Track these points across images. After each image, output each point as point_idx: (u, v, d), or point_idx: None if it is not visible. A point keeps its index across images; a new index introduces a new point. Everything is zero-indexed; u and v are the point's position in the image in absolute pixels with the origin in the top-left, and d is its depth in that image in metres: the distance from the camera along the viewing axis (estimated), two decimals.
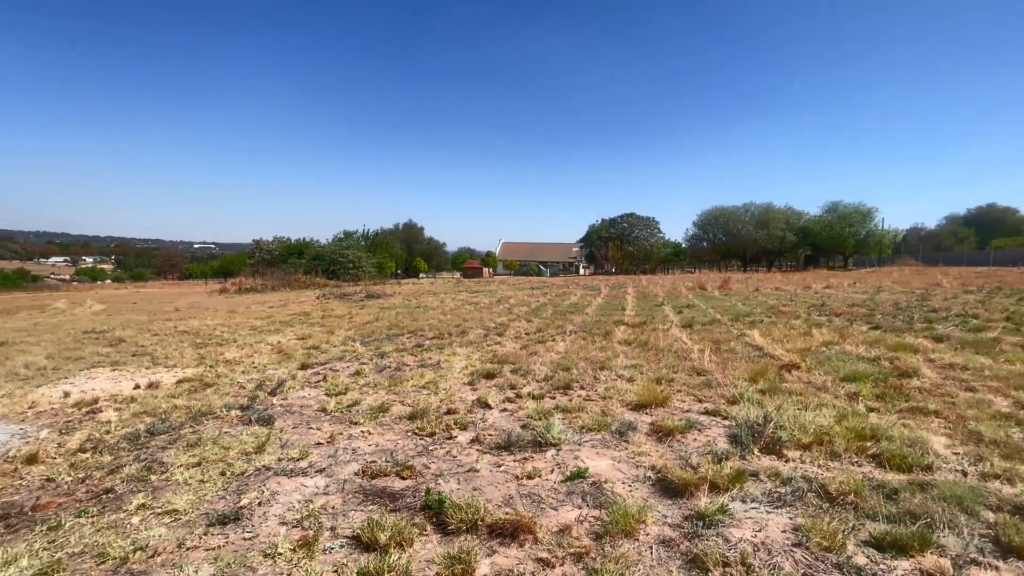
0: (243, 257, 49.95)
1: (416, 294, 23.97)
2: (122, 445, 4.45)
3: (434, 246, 69.45)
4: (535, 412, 5.08)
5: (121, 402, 5.84)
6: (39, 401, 5.92)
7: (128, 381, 6.89)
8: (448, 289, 28.15)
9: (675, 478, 3.45)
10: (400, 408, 5.44)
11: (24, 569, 2.60)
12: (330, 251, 39.53)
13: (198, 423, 5.00)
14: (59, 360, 8.40)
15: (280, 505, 3.32)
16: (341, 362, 8.00)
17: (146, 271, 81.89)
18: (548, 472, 3.75)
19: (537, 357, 7.89)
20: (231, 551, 2.78)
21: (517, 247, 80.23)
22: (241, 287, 29.48)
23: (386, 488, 3.54)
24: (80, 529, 3.04)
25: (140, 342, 10.25)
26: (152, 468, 3.91)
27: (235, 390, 6.32)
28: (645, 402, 5.28)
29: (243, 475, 3.79)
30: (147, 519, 3.16)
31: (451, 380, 6.65)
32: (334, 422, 5.05)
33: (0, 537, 2.98)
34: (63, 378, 7.13)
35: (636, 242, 70.39)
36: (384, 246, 50.87)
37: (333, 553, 2.76)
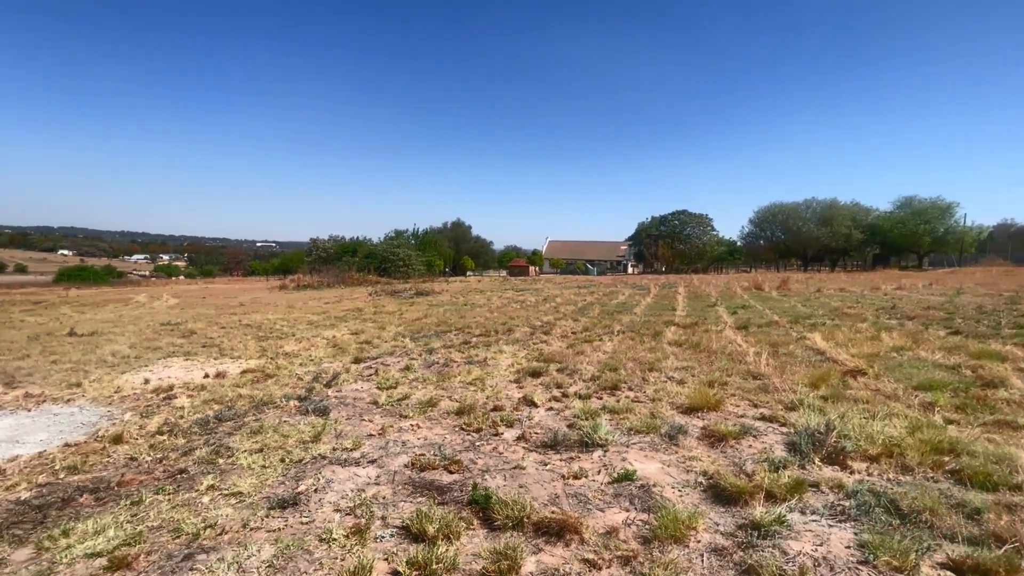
0: (301, 255, 52.45)
1: (463, 292, 24.33)
2: (194, 429, 4.78)
3: (481, 244, 70.20)
4: (582, 412, 5.04)
5: (193, 389, 6.28)
6: (123, 386, 6.46)
7: (199, 370, 7.40)
8: (495, 287, 28.39)
9: (728, 485, 3.33)
10: (448, 403, 5.54)
11: (111, 539, 2.85)
12: (382, 249, 40.79)
13: (260, 412, 5.30)
14: (140, 349, 9.14)
15: (334, 493, 3.46)
16: (392, 357, 8.23)
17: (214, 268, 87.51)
18: (595, 473, 3.71)
19: (584, 356, 7.81)
20: (290, 534, 2.93)
21: (563, 245, 79.73)
22: (299, 283, 30.96)
23: (434, 481, 3.62)
24: (158, 505, 3.30)
25: (209, 334, 10.98)
26: (220, 452, 4.18)
27: (293, 381, 6.65)
28: (696, 405, 5.12)
29: (301, 462, 3.98)
30: (216, 499, 3.38)
31: (497, 377, 6.70)
32: (385, 415, 5.21)
33: (91, 508, 3.28)
34: (143, 366, 7.75)
35: (688, 240, 68.28)
36: (433, 244, 51.94)
37: (384, 542, 2.85)
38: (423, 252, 45.25)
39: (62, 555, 2.71)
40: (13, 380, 6.77)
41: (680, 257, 66.06)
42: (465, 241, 66.06)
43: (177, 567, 2.61)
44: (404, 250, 40.77)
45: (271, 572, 2.56)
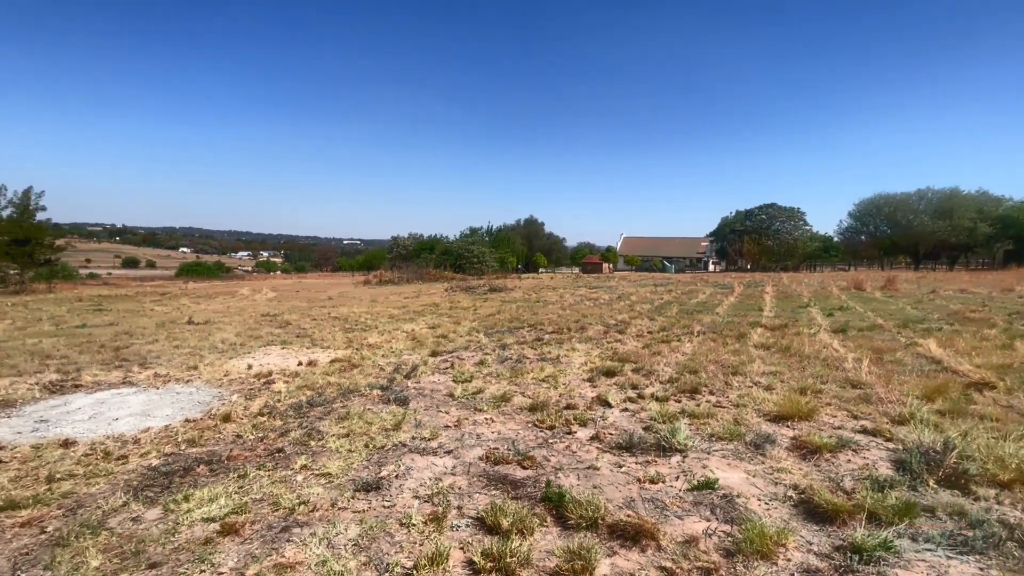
0: (383, 252, 55.34)
1: (536, 288, 24.41)
2: (289, 413, 5.21)
3: (554, 241, 69.97)
4: (659, 414, 4.87)
5: (288, 376, 6.84)
6: (231, 371, 7.18)
7: (293, 358, 8.04)
8: (567, 284, 28.21)
9: (823, 501, 3.06)
10: (521, 399, 5.59)
11: (222, 507, 3.18)
12: (457, 247, 41.97)
13: (347, 399, 5.66)
14: (244, 337, 10.10)
15: (414, 480, 3.61)
16: (466, 351, 8.45)
17: (306, 264, 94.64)
18: (672, 479, 3.57)
19: (661, 357, 7.55)
20: (373, 516, 3.11)
21: (639, 242, 77.41)
22: (381, 279, 32.69)
23: (508, 475, 3.67)
24: (260, 480, 3.63)
25: (302, 325, 11.90)
26: (311, 435, 4.52)
27: (376, 371, 7.03)
28: (786, 413, 4.76)
29: (383, 449, 4.20)
30: (308, 478, 3.66)
31: (570, 375, 6.65)
32: (460, 407, 5.36)
33: (206, 478, 3.68)
34: (247, 353, 8.56)
35: (777, 236, 63.62)
36: (506, 241, 52.58)
37: (459, 531, 2.93)
38: (496, 249, 45.95)
39: (184, 517, 3.07)
40: (145, 362, 7.76)
41: (767, 254, 61.68)
42: (538, 238, 66.19)
43: (276, 537, 2.86)
44: (478, 247, 41.64)
45: (356, 551, 2.73)
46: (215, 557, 2.67)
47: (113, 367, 7.35)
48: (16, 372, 6.98)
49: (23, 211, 27.22)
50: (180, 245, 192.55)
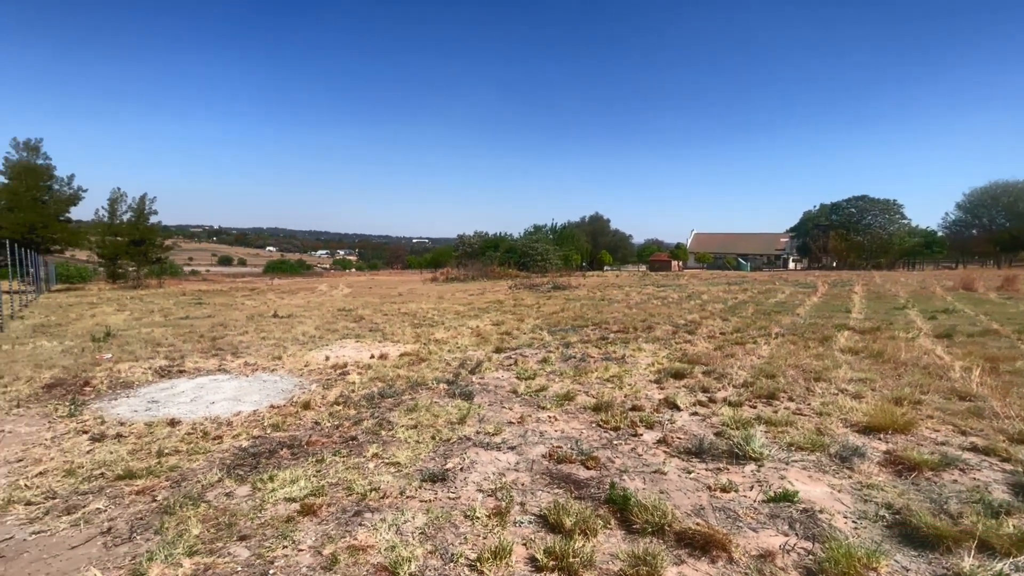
0: (449, 250, 56.82)
1: (601, 287, 24.01)
2: (362, 403, 5.48)
3: (620, 238, 68.51)
4: (731, 420, 4.62)
5: (362, 368, 7.20)
6: (310, 361, 7.68)
7: (366, 351, 8.46)
8: (633, 282, 27.50)
9: (922, 524, 2.77)
10: (584, 399, 5.52)
11: (302, 488, 3.41)
12: (521, 244, 42.22)
13: (415, 391, 5.87)
14: (323, 331, 10.77)
15: (478, 474, 3.68)
16: (530, 349, 8.48)
17: (379, 262, 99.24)
18: (746, 488, 3.38)
19: (734, 360, 7.16)
20: (439, 506, 3.20)
21: (711, 238, 73.86)
22: (447, 276, 33.60)
23: (571, 475, 3.64)
24: (335, 465, 3.85)
25: (374, 320, 12.49)
26: (382, 425, 4.73)
27: (442, 366, 7.23)
28: (878, 425, 4.35)
29: (448, 441, 4.31)
30: (379, 466, 3.83)
31: (636, 376, 6.48)
32: (524, 404, 5.39)
33: (288, 461, 3.96)
34: (325, 345, 9.11)
35: (868, 230, 58.38)
36: (570, 239, 52.17)
37: (522, 527, 2.95)
38: (560, 247, 45.71)
39: (269, 496, 3.32)
40: (237, 351, 8.48)
41: (857, 250, 56.71)
42: (603, 235, 65.09)
43: (349, 520, 3.02)
44: (542, 245, 41.63)
45: (423, 539, 2.82)
46: (296, 535, 2.86)
47: (210, 355, 8.10)
48: (134, 357, 7.88)
49: (139, 215, 30.71)
50: (267, 244, 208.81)
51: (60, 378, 6.59)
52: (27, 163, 27.38)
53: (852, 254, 56.63)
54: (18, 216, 25.84)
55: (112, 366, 7.25)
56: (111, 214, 30.04)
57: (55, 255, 30.35)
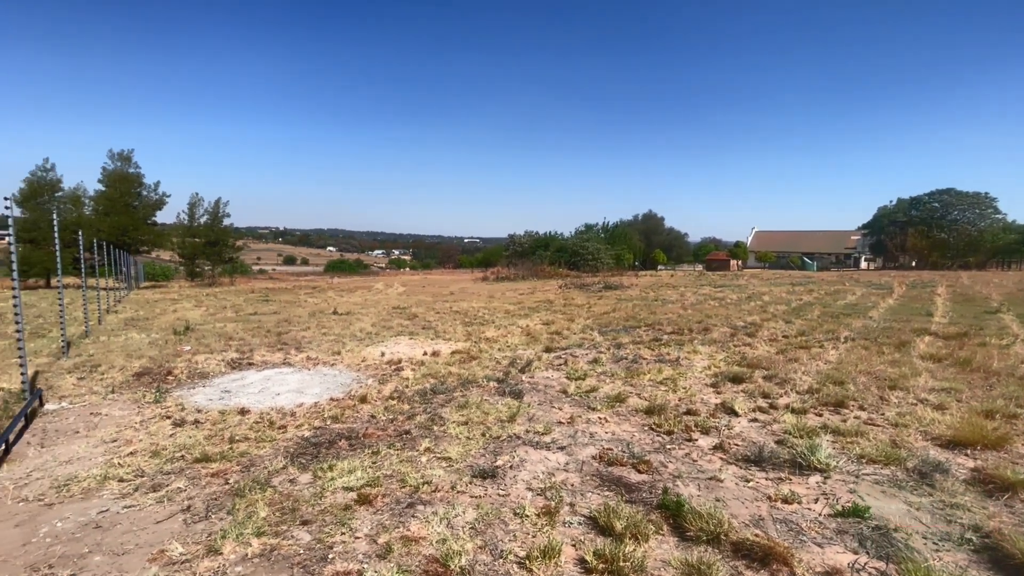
0: (500, 250, 57.24)
1: (654, 286, 23.40)
2: (415, 398, 5.64)
3: (674, 237, 66.51)
4: (794, 428, 4.38)
5: (415, 364, 7.40)
6: (367, 357, 7.99)
7: (419, 348, 8.69)
8: (689, 282, 26.61)
9: (1017, 552, 2.51)
10: (636, 401, 5.41)
11: (359, 479, 3.55)
12: (572, 243, 41.87)
13: (466, 389, 5.97)
14: (378, 327, 11.16)
15: (527, 472, 3.69)
16: (580, 349, 8.40)
17: (431, 261, 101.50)
18: (811, 500, 3.19)
19: (798, 364, 6.78)
20: (489, 502, 3.24)
21: (773, 236, 70.18)
22: (498, 276, 33.87)
23: (621, 478, 3.57)
24: (390, 457, 3.98)
25: (427, 318, 12.80)
26: (434, 420, 4.84)
27: (493, 364, 7.30)
28: (965, 439, 3.99)
29: (498, 439, 4.35)
30: (431, 460, 3.93)
31: (691, 379, 6.28)
32: (574, 405, 5.35)
33: (346, 451, 4.14)
34: (380, 341, 9.44)
35: (953, 227, 53.49)
36: (622, 238, 51.19)
37: (571, 528, 2.93)
38: (612, 246, 44.95)
39: (328, 484, 3.49)
40: (300, 346, 8.95)
41: (940, 248, 52.08)
42: (657, 233, 63.43)
43: (403, 512, 3.12)
44: (593, 244, 41.10)
45: (473, 534, 2.86)
46: (353, 523, 2.99)
47: (276, 349, 8.60)
48: (209, 350, 8.50)
49: (214, 218, 33.06)
50: (327, 244, 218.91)
51: (147, 367, 7.21)
52: (121, 172, 30.15)
53: (935, 253, 52.04)
54: (113, 220, 28.51)
55: (191, 357, 7.85)
56: (190, 217, 32.54)
57: (143, 255, 33.22)
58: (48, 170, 28.36)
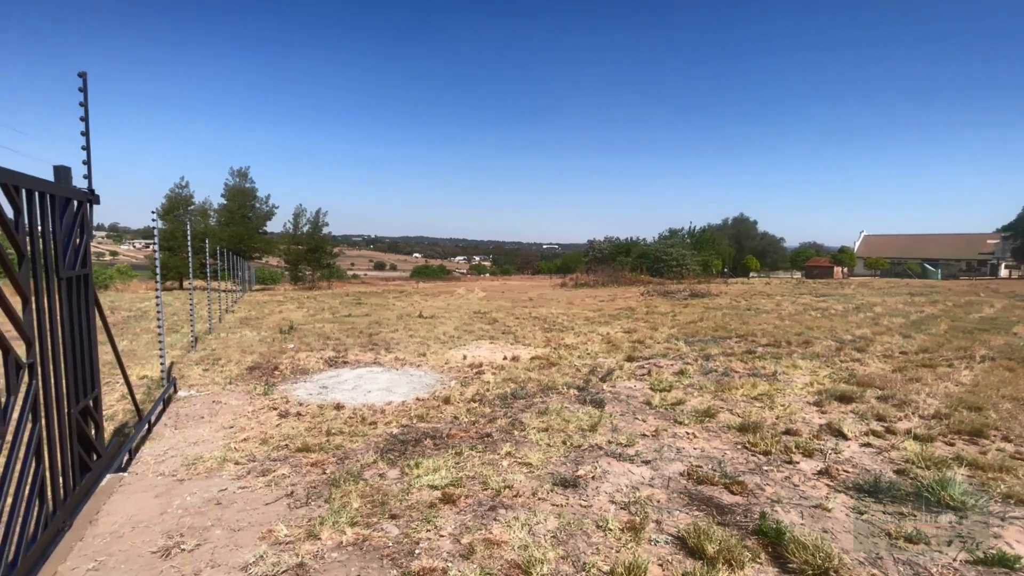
0: (579, 255, 56.71)
1: (746, 295, 21.91)
2: (496, 402, 5.71)
3: (768, 242, 61.89)
4: (919, 457, 3.86)
5: (495, 368, 7.51)
6: (450, 359, 8.24)
7: (500, 353, 8.81)
8: (785, 291, 24.60)
9: None
10: (728, 416, 5.07)
11: (443, 478, 3.65)
12: (655, 249, 40.46)
13: (546, 395, 5.95)
14: (460, 331, 11.49)
15: (610, 484, 3.59)
16: (664, 359, 8.06)
17: (510, 267, 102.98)
18: (942, 542, 2.79)
19: (921, 386, 5.99)
20: (570, 512, 3.18)
21: (886, 241, 62.93)
22: (577, 282, 33.56)
23: (712, 498, 3.36)
24: (472, 459, 4.06)
25: (507, 323, 12.97)
26: (515, 425, 4.87)
27: (572, 371, 7.22)
28: None
29: (579, 448, 4.28)
30: (512, 465, 3.94)
31: (790, 396, 5.77)
32: (658, 417, 5.13)
33: (431, 450, 4.29)
34: (462, 345, 9.71)
35: None
36: (710, 243, 48.58)
37: (658, 547, 2.79)
38: (699, 251, 42.80)
39: (415, 481, 3.62)
40: (389, 346, 9.45)
41: None
42: (748, 238, 59.45)
43: (485, 514, 3.16)
44: (678, 249, 39.41)
45: (555, 543, 2.83)
46: (437, 520, 3.07)
47: (368, 349, 9.15)
48: (309, 348, 9.24)
49: (315, 227, 36.01)
50: (414, 251, 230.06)
51: (258, 362, 7.98)
52: (239, 187, 33.90)
53: None
54: (232, 230, 32.10)
55: (294, 354, 8.58)
56: (295, 227, 35.73)
57: (255, 261, 36.96)
58: (183, 187, 32.61)
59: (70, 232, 3.21)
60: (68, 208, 3.22)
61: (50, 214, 2.89)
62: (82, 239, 3.37)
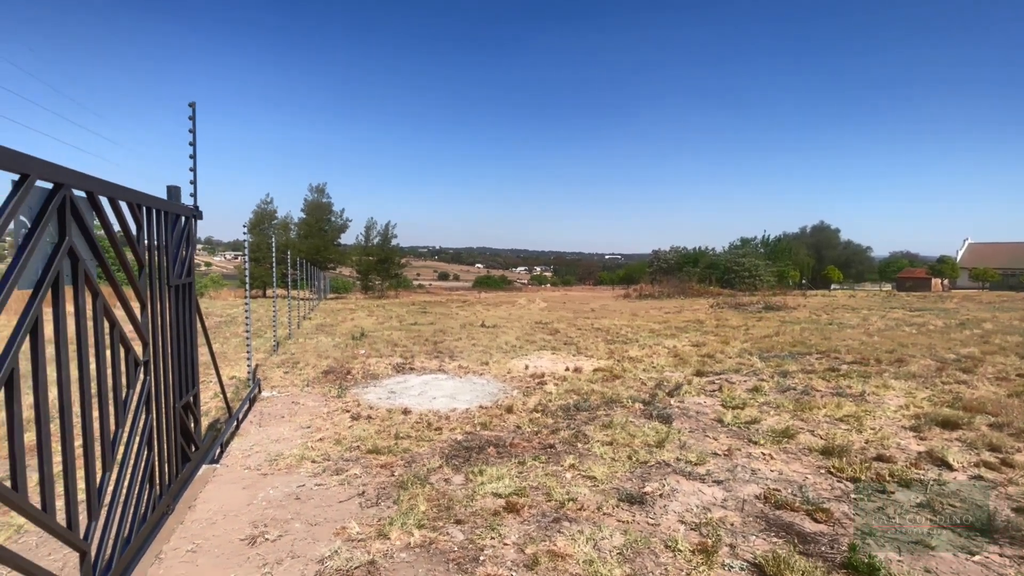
0: (643, 266, 55.28)
1: (827, 308, 20.35)
2: (558, 413, 5.67)
3: (853, 251, 57.22)
4: None
5: (557, 379, 7.46)
6: (512, 368, 8.29)
7: (561, 363, 8.75)
8: (874, 304, 22.60)
9: None
10: (809, 438, 4.72)
11: (507, 486, 3.67)
12: (725, 260, 38.64)
13: (610, 408, 5.82)
14: (522, 341, 11.54)
15: (679, 503, 3.44)
16: (737, 375, 7.65)
17: (571, 277, 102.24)
18: None
19: None
20: (637, 529, 3.08)
21: (996, 249, 56.15)
22: (641, 293, 32.70)
23: (793, 524, 3.13)
24: (535, 469, 4.05)
25: (568, 334, 12.87)
26: (578, 437, 4.80)
27: (637, 385, 7.02)
28: None
29: (646, 464, 4.15)
30: (575, 477, 3.89)
31: (881, 419, 5.28)
32: (731, 436, 4.87)
33: (494, 458, 4.32)
34: (524, 354, 9.74)
35: None
36: (786, 253, 45.69)
37: (732, 572, 2.64)
38: (773, 262, 40.38)
39: (479, 488, 3.67)
40: (453, 354, 9.67)
41: None
42: (830, 248, 55.32)
43: (549, 526, 3.13)
44: (750, 259, 37.39)
45: (621, 560, 2.75)
46: (501, 528, 3.09)
47: (433, 357, 9.41)
48: (379, 354, 9.65)
49: (384, 238, 37.74)
50: (476, 261, 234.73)
51: (332, 366, 8.44)
52: (316, 202, 36.30)
53: None
54: (310, 242, 34.38)
55: (365, 360, 8.99)
56: (366, 238, 37.64)
57: (329, 271, 39.25)
58: (268, 203, 35.39)
59: (178, 244, 3.58)
60: (177, 223, 3.59)
61: (164, 229, 3.24)
62: (188, 251, 3.75)
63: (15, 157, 1.65)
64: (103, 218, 2.38)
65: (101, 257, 2.34)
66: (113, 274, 2.46)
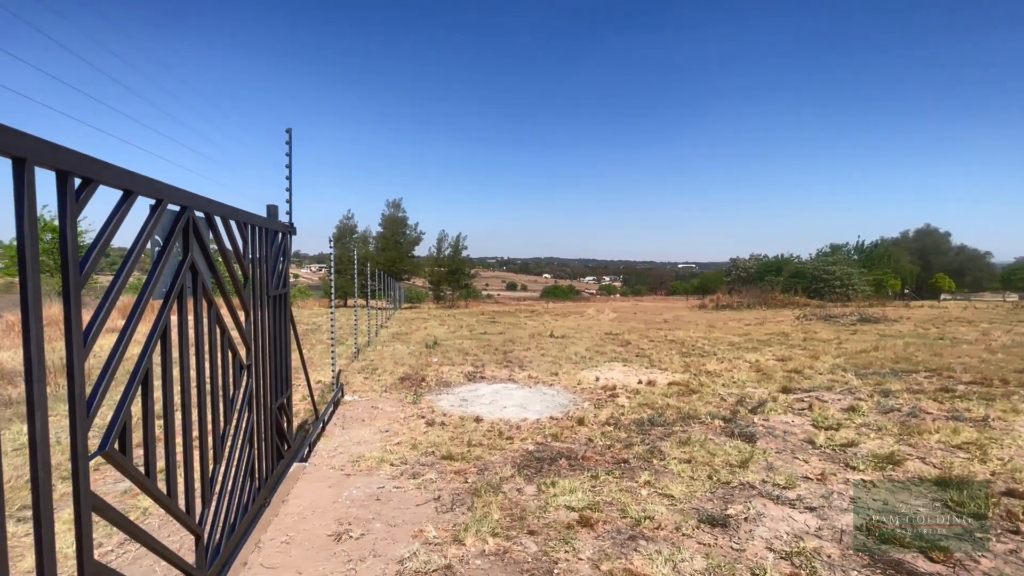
0: (719, 275, 52.66)
1: (936, 320, 18.21)
2: (632, 427, 5.50)
3: (967, 257, 50.98)
4: None
5: (630, 392, 7.26)
6: (582, 380, 8.18)
7: (634, 376, 8.51)
8: (996, 316, 19.91)
9: None
10: (918, 465, 4.24)
11: (580, 500, 3.62)
12: (812, 267, 35.86)
13: (687, 424, 5.57)
14: (592, 352, 11.36)
15: (766, 529, 3.21)
16: (829, 392, 7.04)
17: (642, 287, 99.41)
18: None
19: None
20: (720, 554, 2.91)
21: None
22: (717, 303, 31.09)
23: (903, 562, 2.81)
24: (608, 484, 3.95)
25: (640, 345, 12.49)
26: (653, 453, 4.64)
27: (716, 401, 6.67)
28: None
29: (728, 484, 3.92)
30: (651, 495, 3.75)
31: (1011, 448, 4.63)
32: (824, 459, 4.48)
33: (566, 471, 4.28)
34: (594, 366, 9.58)
35: None
36: (884, 259, 41.60)
37: None
38: (869, 270, 36.90)
39: (551, 500, 3.64)
40: (522, 364, 9.72)
41: None
42: (938, 253, 49.68)
43: (624, 543, 3.04)
44: (842, 267, 34.41)
45: None
46: (575, 543, 3.04)
47: (503, 366, 9.51)
48: (451, 363, 9.91)
49: (455, 250, 38.92)
50: (543, 272, 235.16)
51: (408, 373, 8.78)
52: (393, 216, 38.24)
53: None
54: (387, 255, 36.25)
55: (438, 368, 9.27)
56: (438, 250, 39.03)
57: (404, 281, 41.05)
58: (349, 218, 37.77)
59: (276, 258, 3.92)
60: (275, 239, 3.93)
61: (264, 244, 3.57)
62: (284, 264, 4.09)
63: (151, 183, 1.90)
64: (217, 236, 2.66)
65: (215, 270, 2.61)
66: (224, 286, 2.74)
